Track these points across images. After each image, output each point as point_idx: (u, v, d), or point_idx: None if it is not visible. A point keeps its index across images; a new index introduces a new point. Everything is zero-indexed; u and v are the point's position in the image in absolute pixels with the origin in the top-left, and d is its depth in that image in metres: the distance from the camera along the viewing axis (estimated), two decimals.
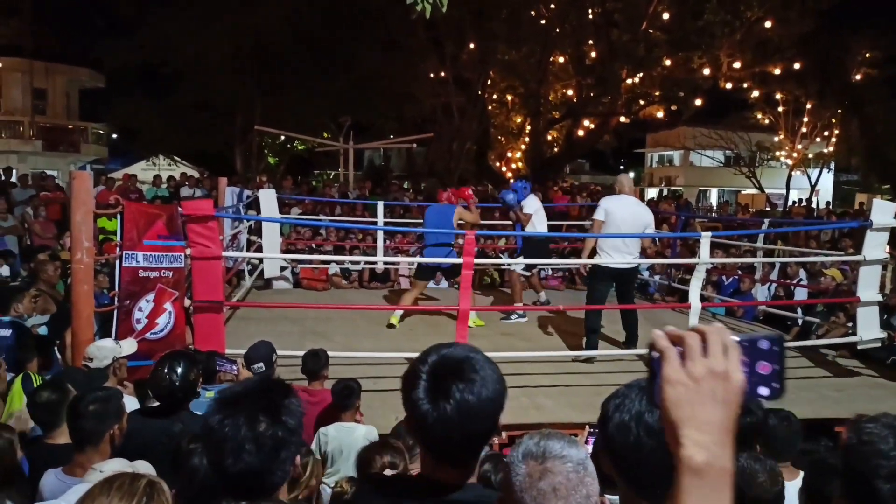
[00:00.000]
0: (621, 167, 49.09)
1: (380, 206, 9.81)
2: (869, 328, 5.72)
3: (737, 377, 0.88)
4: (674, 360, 0.88)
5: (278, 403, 1.52)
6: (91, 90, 28.13)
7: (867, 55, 23.66)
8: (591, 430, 2.91)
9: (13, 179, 14.37)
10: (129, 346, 4.29)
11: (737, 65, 20.23)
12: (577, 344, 6.52)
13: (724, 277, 9.63)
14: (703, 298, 8.42)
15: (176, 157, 25.61)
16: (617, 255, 6.18)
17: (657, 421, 1.42)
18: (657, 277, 10.12)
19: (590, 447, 2.68)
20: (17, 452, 2.72)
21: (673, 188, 36.78)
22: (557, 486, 1.49)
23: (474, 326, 7.25)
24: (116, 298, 4.59)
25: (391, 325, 7.23)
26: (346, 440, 3.61)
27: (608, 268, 6.21)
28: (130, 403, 3.78)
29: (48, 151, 24.84)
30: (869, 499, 1.11)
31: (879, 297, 5.72)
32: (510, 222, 10.78)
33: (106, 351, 4.05)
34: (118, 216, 4.59)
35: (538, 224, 7.67)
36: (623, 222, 6.18)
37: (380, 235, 9.90)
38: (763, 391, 0.93)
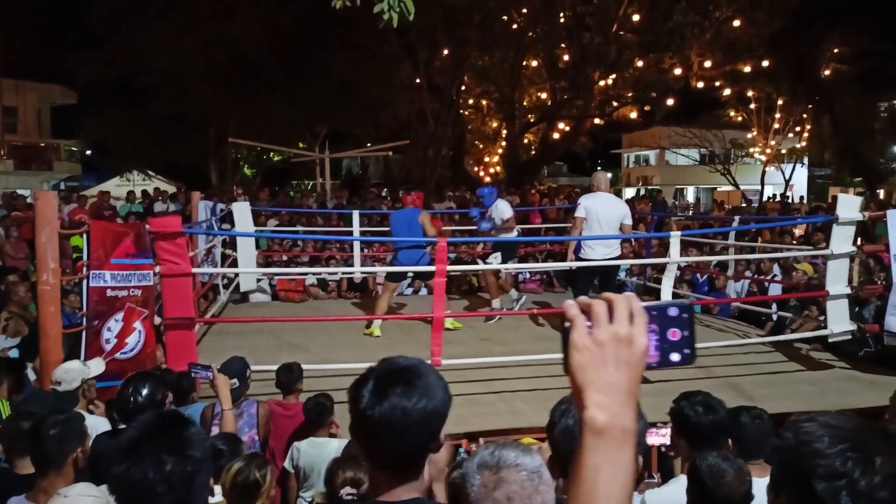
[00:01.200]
0: (598, 168, 49.46)
1: (355, 215, 9.78)
2: (839, 321, 5.79)
3: (640, 341, 0.91)
4: (581, 326, 0.92)
5: (179, 438, 1.53)
6: (63, 107, 27.89)
7: (836, 51, 24.06)
8: None
9: None
10: (97, 366, 4.23)
11: (707, 64, 20.50)
12: (555, 347, 6.53)
13: (698, 275, 9.71)
14: (678, 297, 8.54)
15: (150, 172, 25.38)
16: (599, 249, 6.50)
17: None
18: (634, 279, 10.18)
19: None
20: None
21: (650, 187, 37.10)
22: (512, 495, 1.49)
23: (452, 328, 7.29)
24: (85, 318, 4.53)
25: (371, 335, 7.22)
26: (318, 455, 3.59)
27: (591, 262, 6.50)
28: (101, 425, 3.74)
29: (20, 170, 24.60)
30: (806, 499, 1.12)
31: (848, 291, 5.79)
32: None
33: (74, 373, 3.99)
34: (85, 235, 4.54)
35: (514, 229, 7.79)
36: (602, 218, 6.54)
37: (356, 245, 9.88)
38: (674, 357, 0.96)
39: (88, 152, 28.81)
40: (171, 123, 20.13)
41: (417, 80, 21.30)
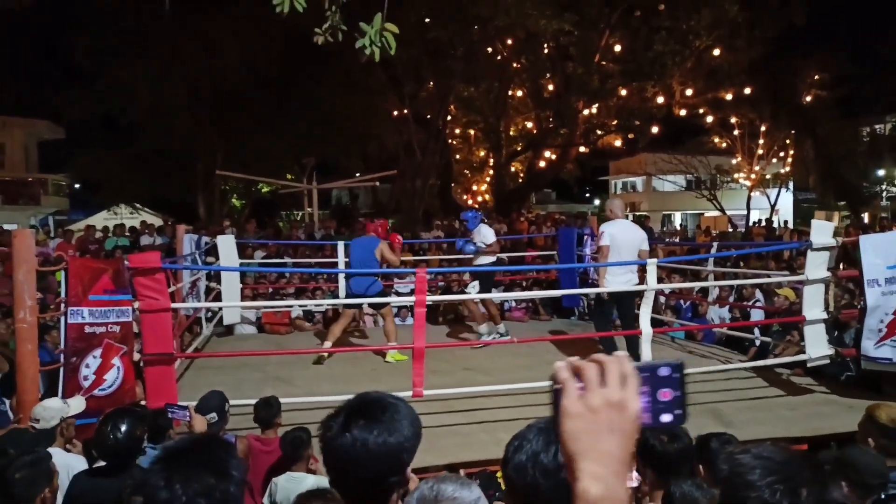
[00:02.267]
0: (587, 195, 49.83)
1: (340, 246, 9.81)
2: (816, 346, 5.84)
3: (633, 406, 0.88)
4: (572, 392, 0.89)
5: (222, 458, 1.53)
6: (50, 142, 27.93)
7: (816, 78, 24.50)
8: None
9: None
10: (77, 404, 4.21)
11: (689, 92, 20.84)
12: (540, 376, 6.54)
13: (681, 301, 9.77)
14: (661, 323, 8.59)
15: (138, 205, 25.39)
16: (623, 276, 6.56)
17: (552, 461, 1.46)
18: None
19: None
20: None
21: (638, 213, 37.33)
22: None
23: (394, 361, 7.37)
24: (62, 355, 4.53)
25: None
26: (295, 491, 3.58)
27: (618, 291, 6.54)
28: (78, 463, 3.71)
29: (7, 205, 24.52)
30: None
31: (825, 315, 5.85)
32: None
33: (53, 411, 3.97)
34: (63, 272, 4.55)
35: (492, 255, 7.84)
36: (625, 245, 6.60)
37: (341, 276, 9.88)
38: (665, 418, 0.94)
39: (76, 186, 28.81)
40: (158, 158, 20.20)
41: (404, 112, 21.51)
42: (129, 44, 18.21)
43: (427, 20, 18.14)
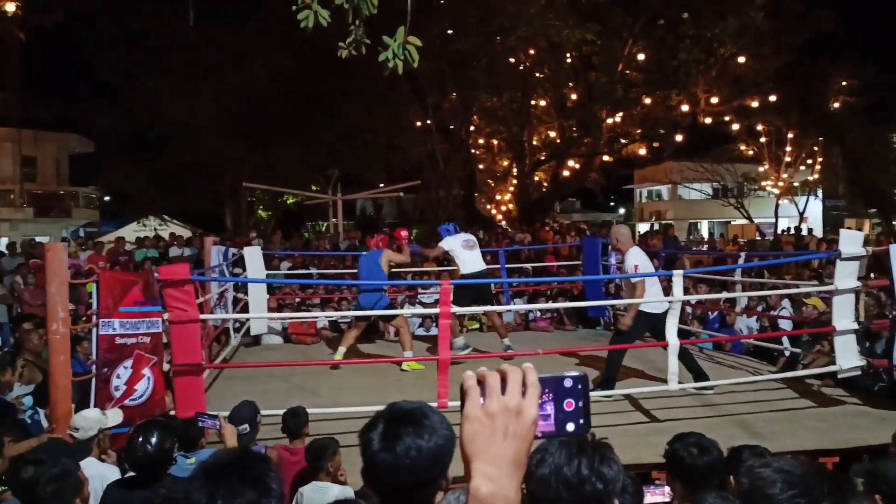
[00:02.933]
0: (611, 203, 49.56)
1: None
2: (847, 357, 5.75)
3: (529, 413, 0.94)
4: (475, 397, 0.94)
5: (262, 472, 1.55)
6: (81, 155, 28.44)
7: (844, 83, 24.16)
8: None
9: (2, 248, 14.43)
10: (115, 416, 4.28)
11: (714, 100, 20.65)
12: None
13: (709, 312, 9.67)
14: (689, 334, 8.51)
15: (166, 217, 25.76)
16: (657, 302, 6.28)
17: (575, 474, 1.47)
18: None
19: None
20: None
21: (663, 222, 37.07)
22: None
23: (409, 370, 7.41)
24: (94, 366, 4.61)
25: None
26: (319, 501, 3.61)
27: (652, 314, 6.26)
28: (112, 473, 3.77)
29: (39, 218, 24.98)
30: None
31: (855, 326, 5.76)
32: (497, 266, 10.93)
33: (91, 422, 4.03)
34: (94, 284, 4.64)
35: (464, 265, 7.74)
36: (650, 270, 6.51)
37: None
38: (570, 427, 1.00)
39: (107, 198, 29.31)
40: (186, 171, 20.50)
41: (427, 123, 21.61)
42: (157, 59, 18.54)
43: (450, 32, 18.25)
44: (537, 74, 21.45)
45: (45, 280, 11.59)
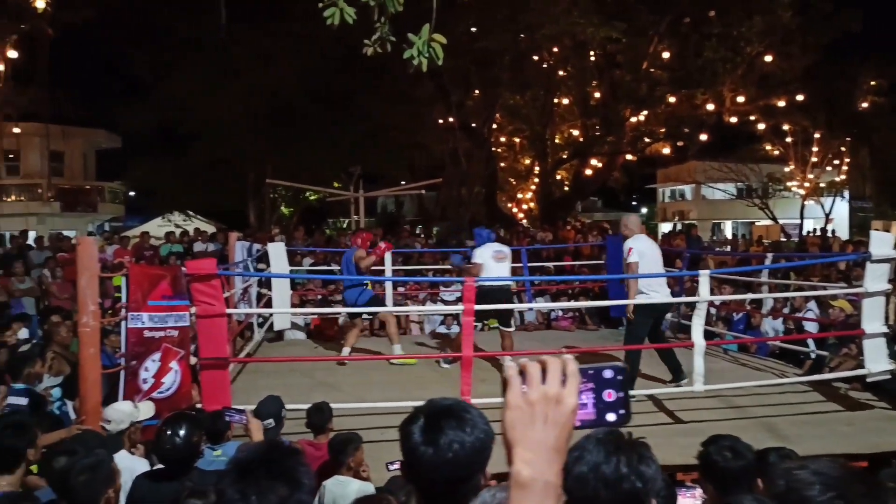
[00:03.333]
0: (633, 203, 49.20)
1: (388, 254, 9.90)
2: (876, 360, 5.66)
3: (569, 401, 0.97)
4: (516, 386, 0.98)
5: (293, 467, 1.56)
6: (108, 150, 28.81)
7: (873, 84, 23.78)
8: None
9: (30, 241, 14.65)
10: (146, 409, 4.34)
11: (740, 99, 20.40)
12: None
13: (734, 313, 9.58)
14: (713, 335, 8.43)
15: (191, 213, 26.04)
16: (661, 290, 6.48)
17: (613, 471, 1.47)
18: (668, 315, 10.05)
19: None
20: None
21: (686, 222, 36.76)
22: None
23: (399, 364, 7.48)
24: (123, 359, 4.67)
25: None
26: (341, 495, 3.63)
27: (654, 305, 6.42)
28: (141, 466, 3.82)
29: (66, 212, 25.33)
30: None
31: (885, 329, 5.68)
32: (519, 265, 10.90)
33: (124, 415, 4.09)
34: (124, 278, 4.70)
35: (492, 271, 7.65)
36: (654, 261, 6.54)
37: (388, 283, 9.97)
38: (610, 416, 1.04)
39: (132, 194, 29.67)
40: (211, 168, 20.71)
41: (450, 121, 21.62)
42: (185, 57, 18.74)
43: (474, 30, 18.22)
44: (561, 73, 21.34)
45: (74, 273, 11.76)
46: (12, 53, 17.78)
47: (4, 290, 10.78)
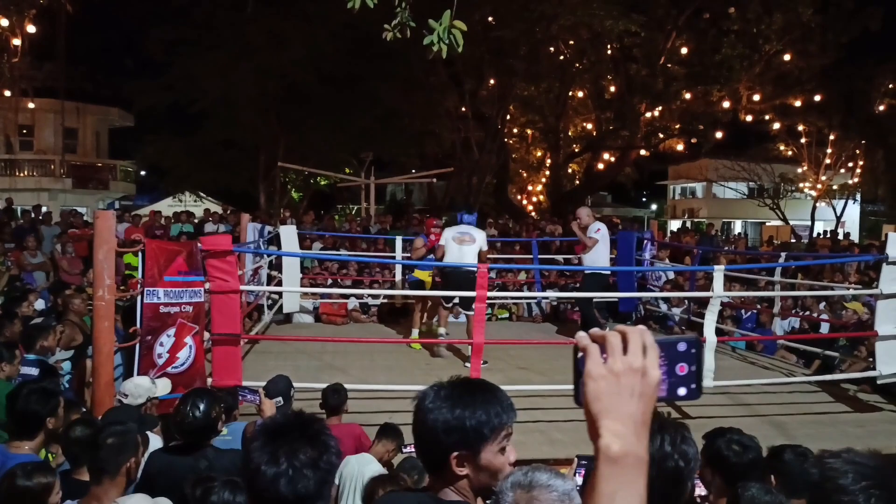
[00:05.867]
0: (643, 199, 49.03)
1: (398, 240, 9.92)
2: (888, 363, 5.64)
3: (654, 374, 0.93)
4: (596, 356, 0.94)
5: (319, 431, 1.58)
6: (120, 129, 28.88)
7: (891, 86, 23.56)
8: (581, 461, 2.91)
9: (41, 217, 14.73)
10: (163, 386, 4.36)
11: (756, 97, 20.28)
12: None
13: (742, 311, 9.55)
14: (721, 332, 8.42)
15: (201, 194, 26.09)
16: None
17: (658, 451, 1.46)
18: (677, 310, 10.05)
19: (578, 479, 2.68)
20: (54, 494, 2.76)
21: (696, 220, 36.61)
22: None
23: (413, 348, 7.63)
24: (139, 334, 4.70)
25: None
26: (360, 473, 3.65)
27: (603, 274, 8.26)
28: (155, 441, 3.83)
29: (78, 189, 25.42)
30: None
31: None
32: (529, 256, 10.91)
33: (142, 389, 4.10)
34: (140, 254, 4.72)
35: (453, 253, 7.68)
36: (605, 241, 8.28)
37: (398, 269, 9.99)
38: (681, 391, 0.99)
39: (143, 173, 29.74)
40: (222, 148, 20.75)
41: (463, 110, 21.55)
42: (200, 36, 18.72)
43: (490, 19, 18.13)
44: (577, 65, 21.22)
45: (84, 249, 11.78)
46: (31, 28, 17.79)
47: (17, 263, 10.84)
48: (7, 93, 19.84)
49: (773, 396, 6.10)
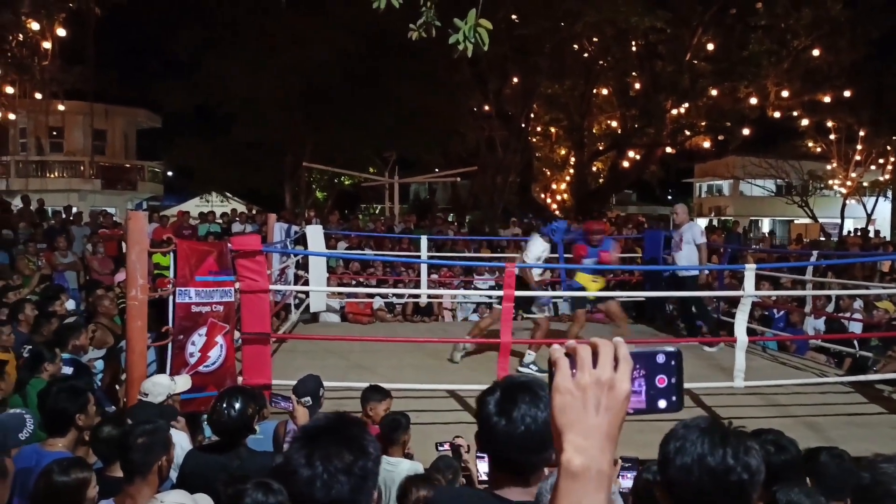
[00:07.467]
0: (669, 197, 48.53)
1: (423, 240, 9.93)
2: None
3: (622, 387, 0.91)
4: (565, 369, 0.93)
5: (358, 435, 1.57)
6: (148, 130, 29.26)
7: None
8: (625, 464, 2.89)
9: (72, 217, 14.99)
10: (183, 382, 4.40)
11: (785, 94, 19.98)
12: None
13: (774, 311, 9.43)
14: (752, 332, 8.31)
15: (228, 194, 26.34)
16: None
17: (720, 463, 1.44)
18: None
19: (623, 482, 2.67)
20: (91, 488, 2.80)
21: (723, 218, 36.20)
22: None
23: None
24: (171, 333, 4.75)
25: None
26: (390, 475, 3.65)
27: None
28: (182, 440, 3.88)
29: (107, 189, 25.82)
30: None
31: None
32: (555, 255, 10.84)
33: (161, 387, 4.16)
34: (171, 254, 4.78)
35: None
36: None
37: (423, 269, 10.01)
38: (661, 403, 0.97)
39: (170, 174, 30.11)
40: (249, 150, 20.91)
41: (487, 108, 21.50)
42: (225, 37, 18.89)
43: (514, 17, 18.07)
44: (601, 62, 21.08)
45: (114, 249, 11.91)
46: (61, 32, 18.07)
47: (48, 263, 11.03)
48: (38, 95, 20.16)
49: (805, 397, 6.01)
